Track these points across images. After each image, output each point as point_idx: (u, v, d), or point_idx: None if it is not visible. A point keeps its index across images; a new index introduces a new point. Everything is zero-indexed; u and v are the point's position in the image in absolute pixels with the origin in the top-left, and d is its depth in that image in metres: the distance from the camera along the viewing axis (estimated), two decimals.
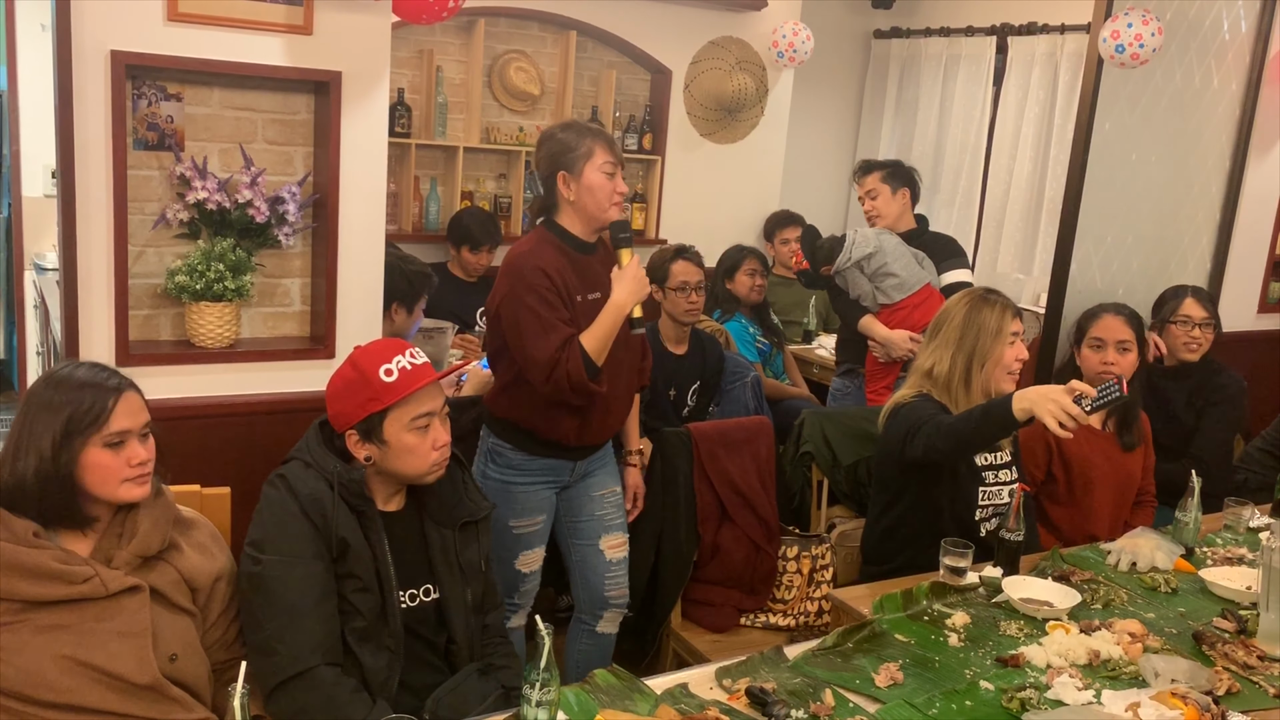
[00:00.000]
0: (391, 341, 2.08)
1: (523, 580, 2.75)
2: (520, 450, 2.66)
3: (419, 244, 4.56)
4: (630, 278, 2.53)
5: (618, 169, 2.56)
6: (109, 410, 1.72)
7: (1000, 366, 2.62)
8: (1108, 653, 2.08)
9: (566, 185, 2.56)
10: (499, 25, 4.86)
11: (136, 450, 1.76)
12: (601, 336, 2.49)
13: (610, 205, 2.56)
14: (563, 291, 2.52)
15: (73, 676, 1.68)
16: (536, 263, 2.51)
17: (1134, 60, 3.79)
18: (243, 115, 2.63)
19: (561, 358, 2.45)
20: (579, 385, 2.47)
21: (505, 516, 2.66)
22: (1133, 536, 2.64)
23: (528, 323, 2.48)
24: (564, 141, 2.55)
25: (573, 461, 2.71)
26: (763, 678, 1.95)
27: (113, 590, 1.72)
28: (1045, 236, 5.24)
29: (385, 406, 1.96)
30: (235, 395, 2.65)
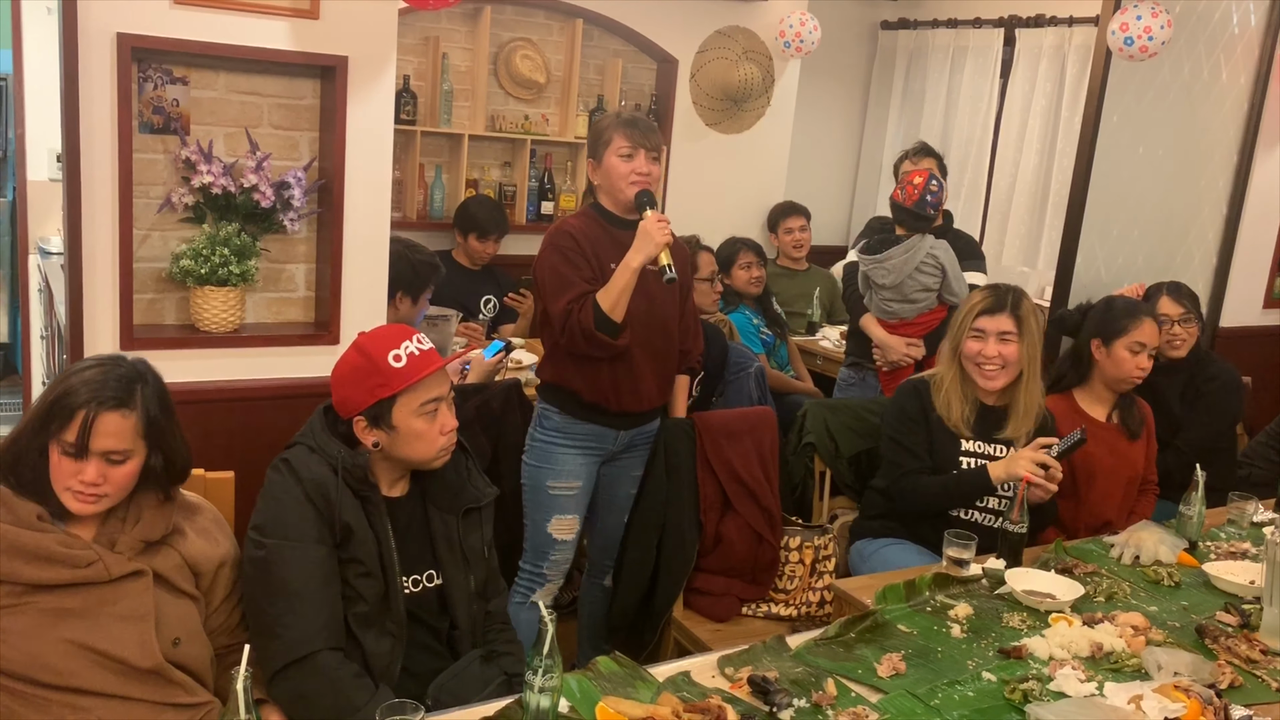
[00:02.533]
0: (396, 327, 2.07)
1: (554, 547, 2.86)
2: (565, 413, 2.81)
3: (423, 232, 4.55)
4: (640, 234, 2.62)
5: (638, 150, 2.70)
6: (73, 417, 1.67)
7: (967, 358, 2.74)
8: (1110, 645, 2.07)
9: (594, 170, 2.79)
10: (505, 13, 4.84)
11: (87, 469, 1.68)
12: (613, 292, 2.60)
13: (627, 185, 2.70)
14: (590, 256, 2.68)
15: (75, 659, 1.68)
16: (566, 228, 2.74)
17: (1143, 53, 3.78)
18: (248, 99, 2.62)
19: (574, 309, 2.60)
20: (589, 335, 2.59)
21: (543, 477, 2.83)
22: (1136, 530, 2.63)
23: (548, 279, 2.68)
24: (594, 130, 2.81)
25: (615, 431, 2.84)
26: (765, 666, 1.95)
27: (115, 575, 1.72)
28: (1051, 230, 5.23)
29: (395, 392, 1.96)
30: (239, 380, 2.65)
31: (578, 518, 2.87)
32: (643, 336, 2.72)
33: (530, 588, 2.90)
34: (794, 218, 5.14)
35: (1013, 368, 2.71)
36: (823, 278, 5.22)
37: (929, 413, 2.74)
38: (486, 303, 4.40)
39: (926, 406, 2.74)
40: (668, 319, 2.83)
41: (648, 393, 2.82)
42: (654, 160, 2.73)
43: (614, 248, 2.67)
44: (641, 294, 2.66)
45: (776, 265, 5.15)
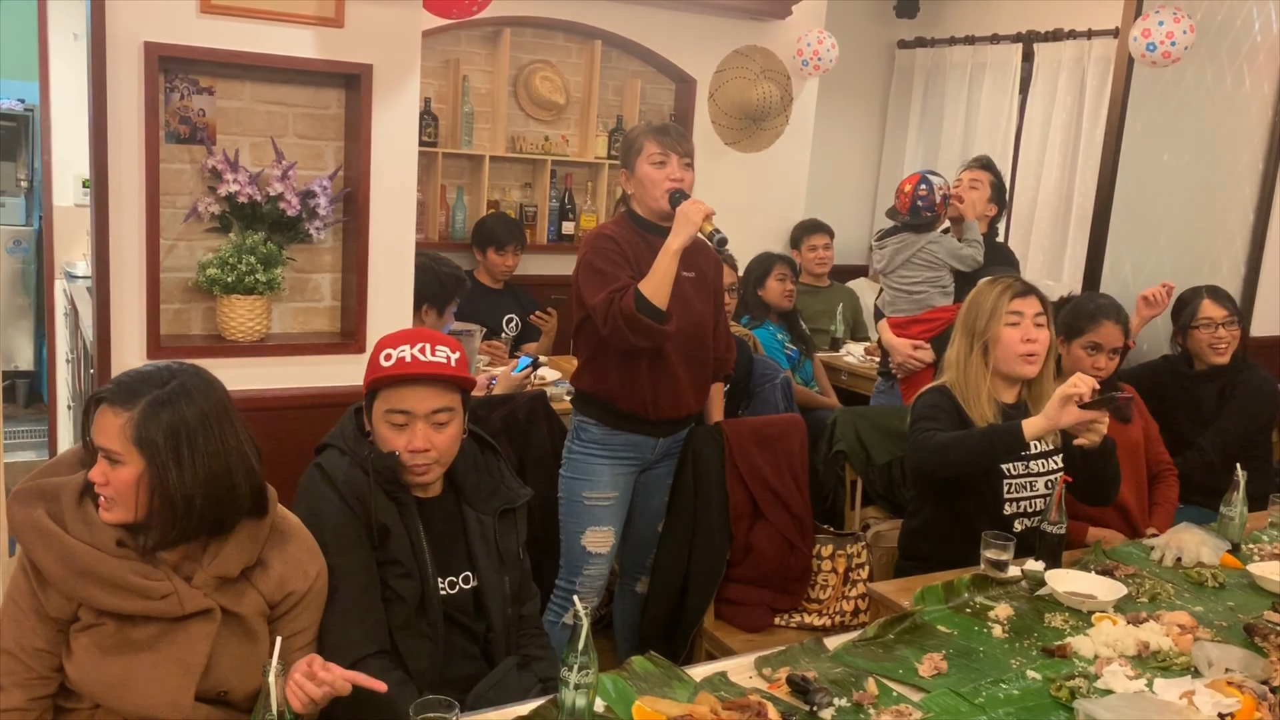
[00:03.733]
0: (420, 331, 2.03)
1: (588, 560, 2.82)
2: (603, 425, 2.78)
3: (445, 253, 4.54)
4: (678, 218, 2.61)
5: (670, 156, 2.70)
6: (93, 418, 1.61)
7: (1004, 348, 2.56)
8: (1157, 644, 2.02)
9: (627, 180, 2.79)
10: (525, 35, 4.87)
11: (95, 468, 1.61)
12: (655, 276, 2.57)
13: (661, 192, 2.70)
14: (630, 258, 2.66)
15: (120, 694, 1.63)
16: (605, 232, 2.74)
17: (1165, 59, 3.76)
18: (274, 109, 2.63)
19: (615, 297, 2.57)
20: (631, 319, 2.54)
21: (579, 489, 2.81)
22: (1177, 532, 2.58)
23: (587, 277, 2.65)
24: (626, 141, 2.81)
25: (654, 439, 2.81)
26: (803, 667, 1.91)
27: (188, 611, 1.63)
28: (1074, 242, 5.19)
29: (369, 388, 1.94)
30: (266, 389, 2.64)
31: (613, 530, 2.83)
32: (680, 342, 2.71)
33: (564, 605, 2.86)
34: (817, 235, 5.13)
35: (1043, 354, 2.59)
36: (846, 294, 5.20)
37: (963, 414, 2.62)
38: (509, 321, 4.39)
39: (960, 409, 2.64)
40: (704, 325, 2.82)
41: (685, 399, 2.80)
42: (687, 166, 2.74)
43: (650, 254, 2.64)
44: (679, 299, 2.65)
45: (800, 283, 5.12)
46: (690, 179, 2.74)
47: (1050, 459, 2.62)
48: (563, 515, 2.86)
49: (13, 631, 1.63)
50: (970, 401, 2.59)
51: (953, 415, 2.57)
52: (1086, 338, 3.01)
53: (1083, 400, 2.35)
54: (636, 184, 2.74)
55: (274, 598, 1.73)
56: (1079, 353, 3.01)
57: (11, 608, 1.64)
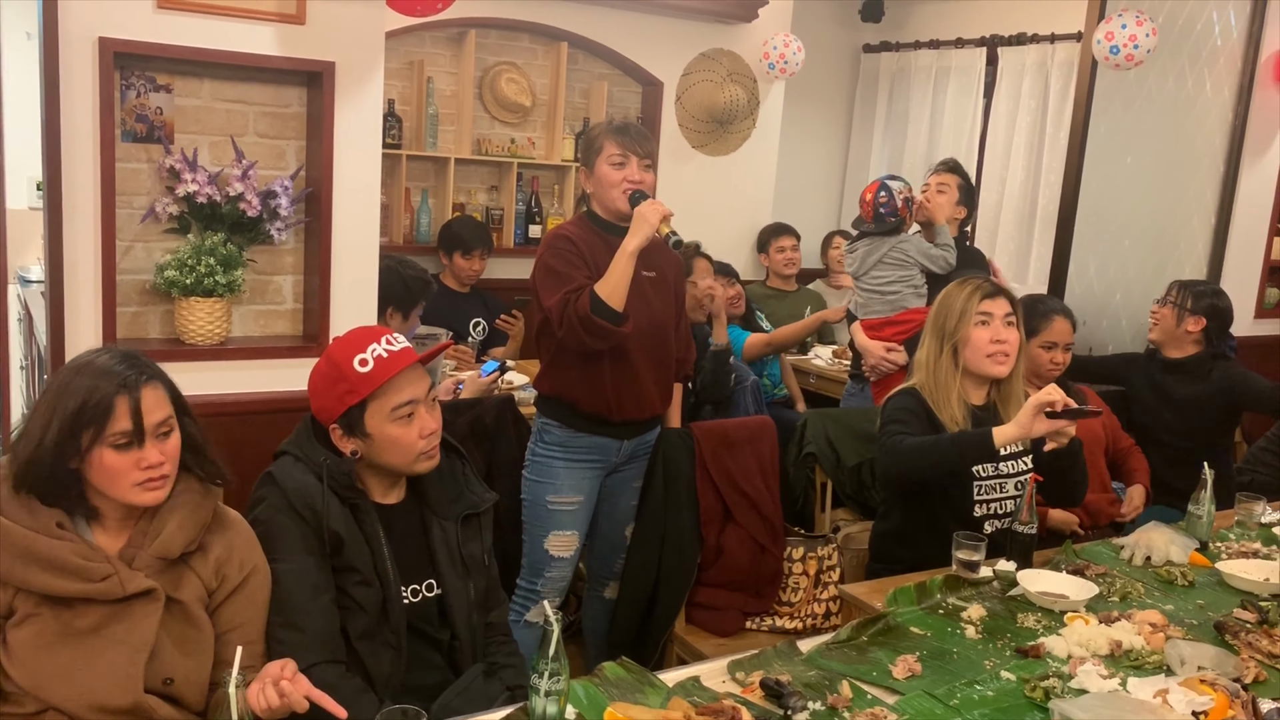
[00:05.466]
0: (366, 330, 1.99)
1: (550, 564, 2.80)
2: (566, 427, 2.75)
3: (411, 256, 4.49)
4: (635, 218, 2.59)
5: (630, 158, 2.68)
6: (115, 408, 1.59)
7: (974, 349, 2.56)
8: (1130, 643, 2.01)
9: (586, 179, 2.77)
10: (490, 36, 4.83)
11: (149, 452, 1.62)
12: (611, 278, 2.55)
13: (619, 194, 2.67)
14: (587, 258, 2.64)
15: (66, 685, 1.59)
16: (563, 232, 2.72)
17: (1129, 61, 3.79)
18: (234, 107, 2.58)
19: (570, 299, 2.55)
20: (586, 321, 2.52)
21: (543, 492, 2.78)
22: (1145, 531, 2.59)
23: (544, 278, 2.64)
24: (586, 139, 2.80)
25: (618, 441, 2.78)
26: (776, 671, 1.88)
27: (129, 591, 1.62)
28: (1040, 244, 5.22)
29: (363, 398, 1.89)
30: (226, 394, 2.58)
31: (576, 535, 2.81)
32: (641, 342, 2.69)
33: (526, 605, 2.83)
34: (785, 237, 5.13)
35: (1014, 354, 2.58)
36: (812, 297, 5.19)
37: (933, 416, 2.61)
38: (476, 325, 4.34)
39: (929, 411, 2.63)
40: (665, 325, 2.80)
41: (649, 400, 2.78)
42: (646, 168, 2.71)
43: (609, 254, 2.62)
44: (640, 299, 2.63)
45: (766, 286, 5.13)
46: (650, 180, 2.72)
47: (1020, 460, 2.61)
48: (526, 517, 2.83)
49: None
50: (940, 403, 2.58)
51: (922, 418, 2.56)
52: (1042, 337, 3.09)
53: (1054, 410, 2.35)
54: (595, 183, 2.72)
55: (211, 583, 1.73)
56: (1036, 351, 3.09)
57: None
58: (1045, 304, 3.21)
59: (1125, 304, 4.20)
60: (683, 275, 2.99)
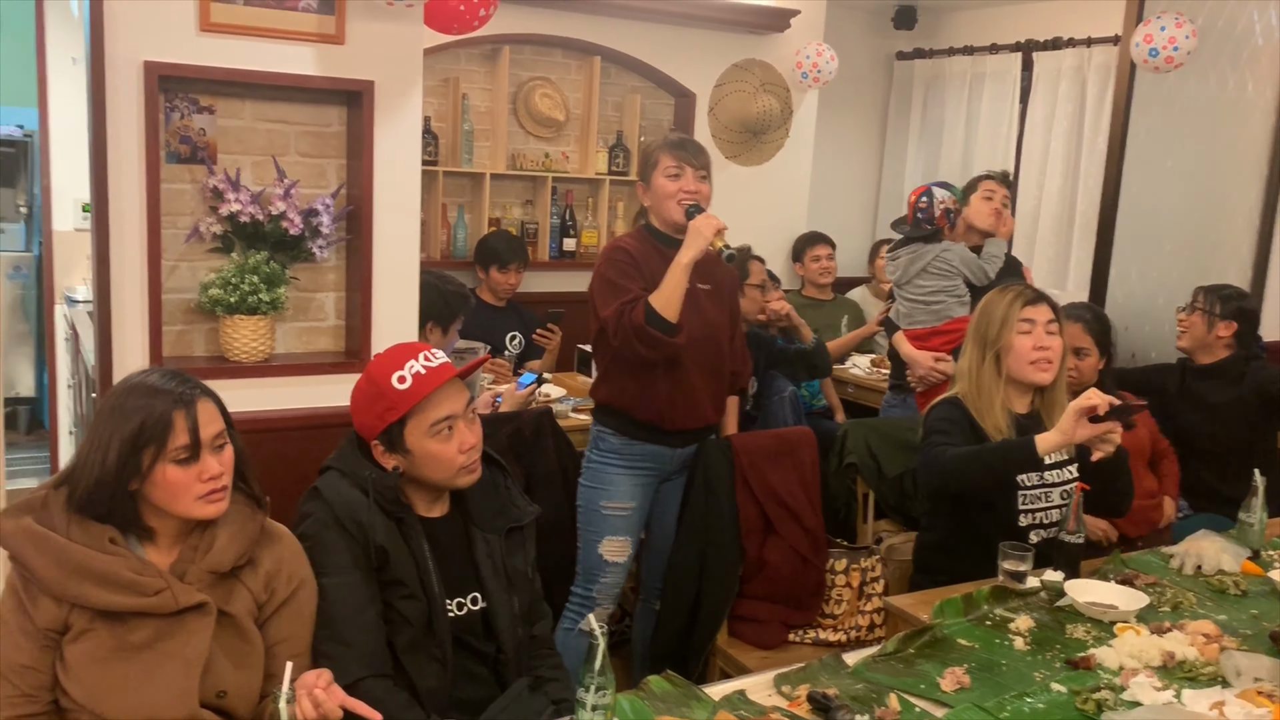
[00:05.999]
0: (404, 346, 2.01)
1: (604, 569, 2.82)
2: (621, 434, 2.80)
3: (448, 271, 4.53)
4: (689, 232, 2.62)
5: (685, 169, 2.72)
6: (174, 424, 1.62)
7: (1016, 356, 2.53)
8: (1183, 654, 1.98)
9: (643, 193, 2.82)
10: (523, 52, 4.87)
11: (209, 464, 1.65)
12: (665, 290, 2.58)
13: (675, 204, 2.72)
14: (644, 270, 2.68)
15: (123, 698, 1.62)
16: (620, 244, 2.77)
17: (1168, 64, 3.75)
18: (275, 127, 2.61)
19: (625, 309, 2.59)
20: (640, 331, 2.56)
21: (597, 498, 2.82)
22: (1196, 539, 2.54)
23: (600, 289, 2.70)
24: (643, 154, 2.85)
25: (672, 449, 2.81)
26: (823, 684, 1.87)
27: (182, 605, 1.64)
28: (1079, 250, 5.17)
29: (401, 415, 1.91)
30: (270, 410, 2.61)
31: (630, 540, 2.84)
32: (695, 353, 2.73)
33: (580, 612, 2.85)
34: (820, 246, 5.12)
35: (1057, 361, 2.56)
36: (849, 306, 5.17)
37: (976, 426, 2.59)
38: (512, 339, 4.36)
39: (972, 420, 2.60)
40: (719, 336, 2.84)
41: (702, 409, 2.82)
42: (702, 179, 2.75)
43: (665, 266, 2.65)
44: (694, 311, 2.67)
45: (802, 296, 5.11)
46: (707, 191, 2.76)
47: (1065, 469, 2.58)
48: (581, 523, 2.86)
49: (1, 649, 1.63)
50: (983, 412, 2.55)
51: (965, 427, 2.54)
52: None
53: (1097, 413, 2.32)
54: (652, 196, 2.77)
55: (260, 596, 1.75)
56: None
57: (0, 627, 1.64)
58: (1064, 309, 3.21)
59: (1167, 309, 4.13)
60: (738, 287, 3.03)
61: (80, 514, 1.64)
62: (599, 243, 5.09)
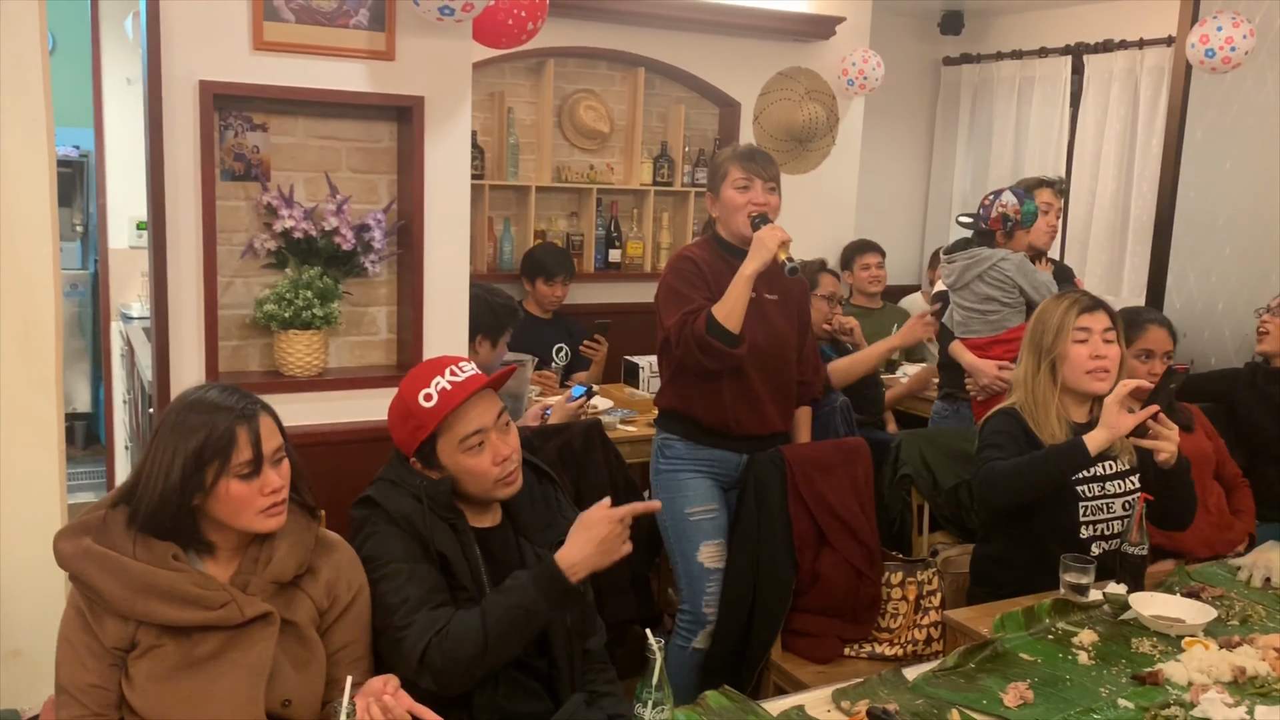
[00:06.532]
0: (434, 362, 2.01)
1: (708, 577, 2.80)
2: (686, 440, 2.81)
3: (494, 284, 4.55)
4: (754, 243, 2.62)
5: (755, 181, 2.73)
6: (237, 439, 1.64)
7: (1072, 366, 2.48)
8: (1254, 669, 1.93)
9: (712, 204, 2.83)
10: (567, 65, 4.89)
11: (270, 478, 1.68)
12: (728, 301, 2.59)
13: (743, 216, 2.72)
14: (710, 280, 2.68)
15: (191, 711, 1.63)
16: (687, 253, 2.79)
17: (1225, 65, 3.67)
18: (327, 144, 2.64)
19: (688, 319, 2.59)
20: (701, 341, 2.57)
21: (680, 506, 2.80)
22: (1263, 551, 2.48)
23: (665, 297, 2.71)
24: (712, 166, 2.85)
25: (738, 455, 2.81)
26: (883, 699, 1.84)
27: (248, 616, 1.66)
28: (1134, 255, 5.08)
29: (430, 433, 1.91)
30: (324, 424, 2.63)
31: (724, 543, 2.82)
32: (759, 361, 2.73)
33: (691, 630, 2.83)
34: (870, 255, 5.07)
35: (1114, 370, 2.50)
36: (899, 314, 5.11)
37: (1032, 436, 2.54)
38: (559, 351, 4.37)
39: (1029, 431, 2.55)
40: (786, 345, 2.84)
41: (768, 417, 2.81)
42: (771, 190, 2.76)
43: (731, 276, 2.65)
44: (759, 320, 2.68)
45: (851, 304, 5.06)
46: (775, 203, 2.76)
47: (1127, 479, 2.52)
48: (671, 538, 2.84)
49: (68, 671, 1.65)
50: (1040, 422, 2.50)
51: (1020, 439, 2.49)
52: (1137, 345, 2.98)
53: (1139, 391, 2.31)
54: (721, 207, 2.78)
55: (323, 604, 1.77)
56: (1133, 362, 2.95)
57: (65, 648, 1.66)
58: (1141, 314, 3.15)
59: (1228, 315, 4.04)
60: (808, 298, 3.02)
61: (143, 532, 1.66)
62: (644, 254, 5.08)
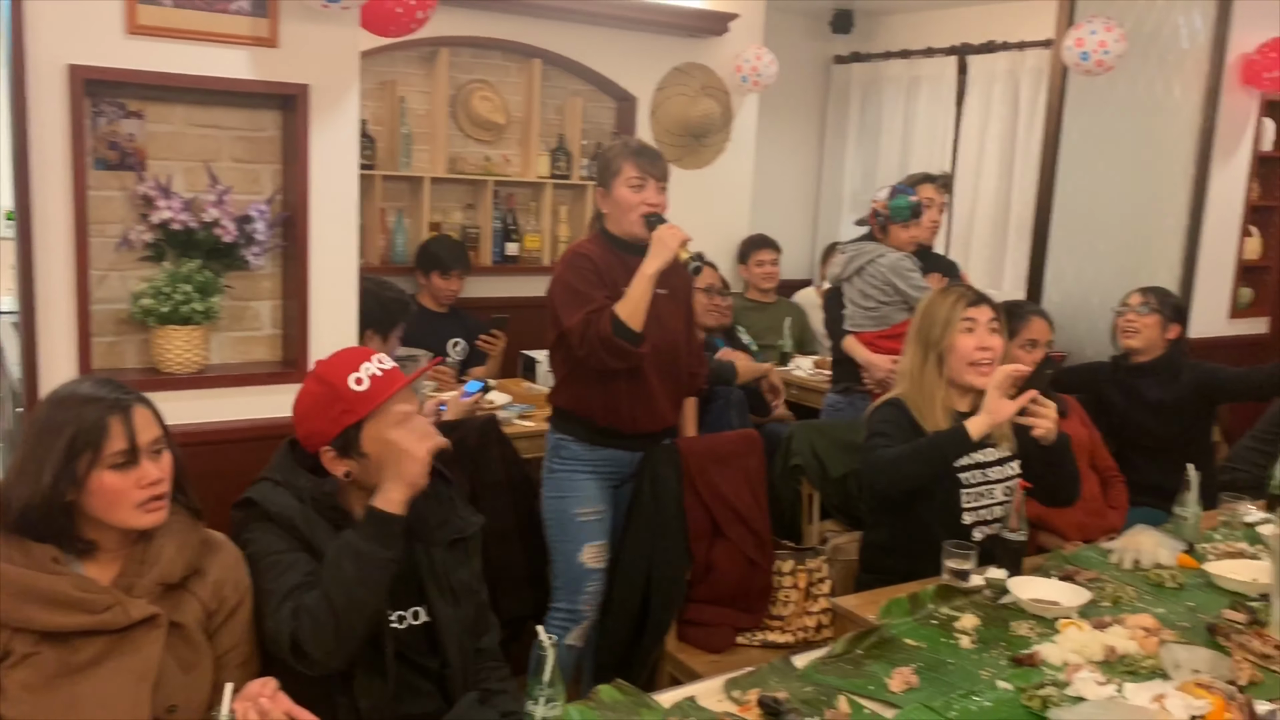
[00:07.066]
0: (354, 350, 2.00)
1: (589, 578, 2.80)
2: (581, 441, 2.81)
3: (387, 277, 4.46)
4: (654, 242, 2.64)
5: (648, 181, 2.73)
6: (110, 429, 1.59)
7: (959, 357, 2.56)
8: (1124, 648, 2.02)
9: (602, 199, 2.81)
10: (462, 55, 4.82)
11: (148, 470, 1.63)
12: (631, 300, 2.60)
13: (636, 217, 2.72)
14: (605, 277, 2.69)
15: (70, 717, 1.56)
16: (582, 250, 2.77)
17: (1099, 67, 3.82)
18: (207, 133, 2.55)
19: (591, 319, 2.60)
20: (607, 341, 2.57)
21: (569, 506, 2.81)
22: (1134, 535, 2.59)
23: (563, 296, 2.69)
24: (603, 160, 2.81)
25: (631, 453, 2.83)
26: (773, 688, 1.87)
27: (134, 619, 1.60)
28: (1014, 250, 5.26)
29: (361, 418, 1.88)
30: (205, 423, 2.53)
31: (607, 544, 2.84)
32: (655, 358, 2.75)
33: (565, 626, 2.83)
34: (766, 250, 5.14)
35: (997, 363, 2.57)
36: (792, 309, 5.20)
37: (917, 427, 2.60)
38: (454, 345, 4.32)
39: (914, 421, 2.61)
40: (678, 342, 2.86)
41: (662, 413, 2.84)
42: (662, 190, 2.77)
43: (626, 273, 2.67)
44: (653, 317, 2.67)
45: (745, 299, 5.13)
46: (665, 202, 2.77)
47: (1006, 465, 2.61)
48: (555, 537, 2.84)
49: None
50: (925, 413, 2.57)
51: (906, 429, 2.56)
52: (1022, 336, 3.18)
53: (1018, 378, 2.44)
54: (612, 204, 2.77)
55: (211, 605, 1.73)
56: (1017, 352, 3.16)
57: None
58: (1023, 306, 3.33)
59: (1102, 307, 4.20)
60: (693, 290, 3.05)
61: (18, 534, 1.59)
62: (542, 247, 5.06)
